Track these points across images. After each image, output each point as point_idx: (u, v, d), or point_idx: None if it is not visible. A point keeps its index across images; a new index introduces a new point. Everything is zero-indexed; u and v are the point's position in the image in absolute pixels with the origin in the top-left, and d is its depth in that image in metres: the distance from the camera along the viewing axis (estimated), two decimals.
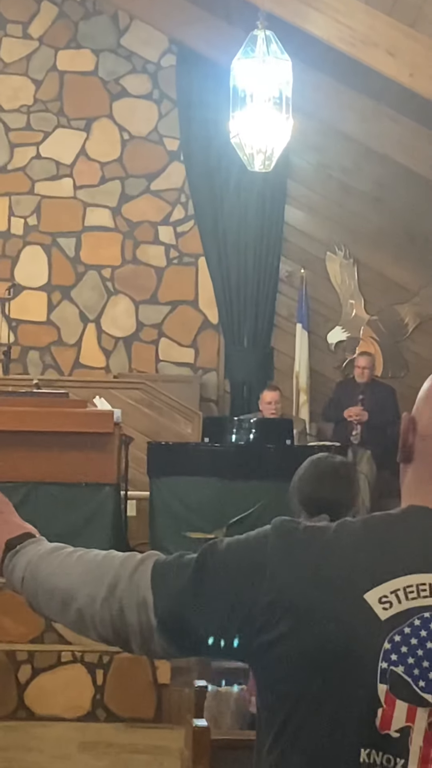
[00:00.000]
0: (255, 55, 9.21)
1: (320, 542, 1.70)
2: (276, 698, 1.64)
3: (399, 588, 1.61)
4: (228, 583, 1.70)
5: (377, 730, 1.58)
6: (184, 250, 13.42)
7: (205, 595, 1.72)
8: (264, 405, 11.68)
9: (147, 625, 1.74)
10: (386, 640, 1.59)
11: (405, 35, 9.26)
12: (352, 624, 1.60)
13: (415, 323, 13.18)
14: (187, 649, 1.78)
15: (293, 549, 1.68)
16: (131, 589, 1.76)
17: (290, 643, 1.61)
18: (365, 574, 1.63)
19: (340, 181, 13.10)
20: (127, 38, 13.44)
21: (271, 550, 1.69)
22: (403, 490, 1.79)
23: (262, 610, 1.64)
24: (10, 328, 13.01)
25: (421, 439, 1.75)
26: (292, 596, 1.63)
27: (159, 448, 10.15)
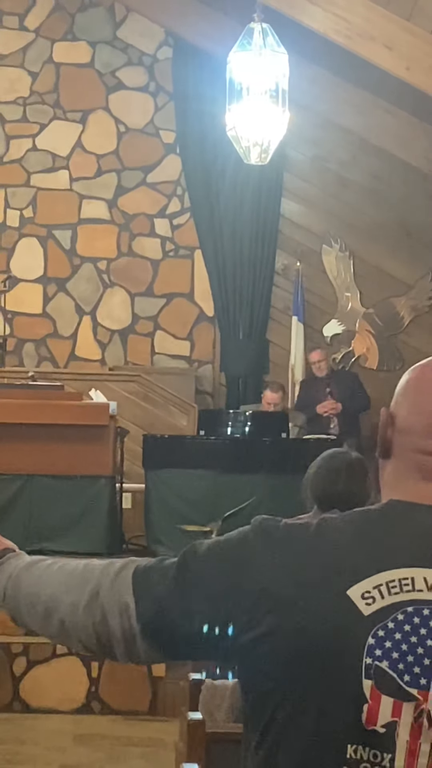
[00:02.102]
0: (251, 47, 9.19)
1: (301, 539, 1.70)
2: (261, 696, 1.64)
3: (382, 583, 1.61)
4: (210, 584, 1.70)
5: (363, 726, 1.58)
6: (180, 242, 13.41)
7: (187, 596, 1.71)
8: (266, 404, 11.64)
9: (130, 631, 1.74)
10: (370, 635, 1.59)
11: (402, 28, 9.25)
12: (336, 620, 1.60)
13: (410, 316, 13.18)
14: (170, 652, 1.78)
15: (274, 547, 1.68)
16: (113, 595, 1.75)
17: (274, 640, 1.62)
18: (347, 570, 1.63)
19: (337, 173, 13.09)
20: (124, 30, 13.42)
21: (251, 550, 1.69)
22: (383, 485, 1.79)
23: (245, 609, 1.64)
24: (6, 320, 13.01)
25: (400, 433, 1.75)
26: (275, 594, 1.63)
27: (154, 441, 10.15)
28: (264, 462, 9.67)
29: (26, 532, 9.48)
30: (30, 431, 9.58)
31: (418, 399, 1.74)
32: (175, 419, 11.83)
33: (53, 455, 9.55)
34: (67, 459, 9.55)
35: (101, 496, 9.64)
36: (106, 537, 9.56)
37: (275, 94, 9.36)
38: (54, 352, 13.34)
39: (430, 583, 1.61)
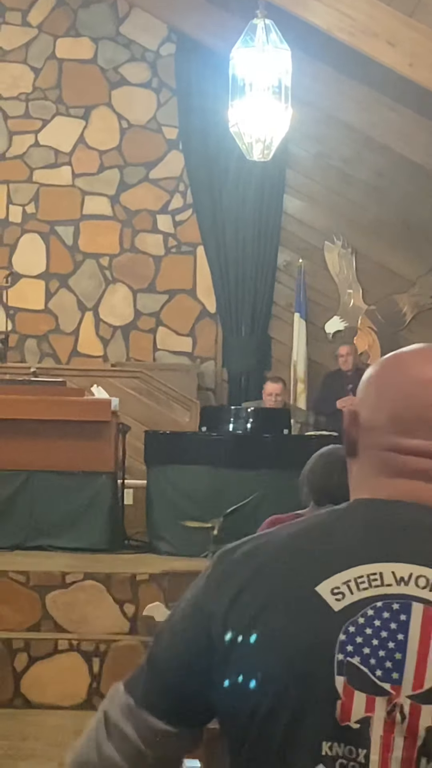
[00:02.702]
0: (254, 44, 9.21)
1: (267, 547, 1.70)
2: (237, 701, 1.64)
3: (350, 579, 1.61)
4: (180, 640, 1.71)
5: (338, 722, 1.57)
6: (183, 239, 13.41)
7: (161, 660, 1.73)
8: (266, 396, 11.68)
9: (142, 723, 1.73)
10: (341, 631, 1.59)
11: (404, 25, 9.24)
12: (306, 617, 1.60)
13: (413, 313, 13.18)
14: (179, 714, 1.75)
15: (236, 570, 1.68)
16: (110, 714, 1.77)
17: (249, 646, 1.62)
18: (315, 568, 1.63)
19: (339, 170, 13.09)
20: (127, 26, 13.42)
21: (212, 591, 1.69)
22: (351, 485, 1.79)
23: (224, 648, 1.65)
24: (8, 316, 13.00)
25: (364, 431, 1.75)
26: (247, 614, 1.63)
27: (156, 437, 10.15)
28: (266, 458, 9.66)
29: (28, 528, 9.48)
30: (32, 427, 9.58)
31: (380, 396, 1.74)
32: (177, 415, 11.83)
33: (55, 451, 9.55)
34: (68, 455, 9.55)
35: (103, 493, 9.63)
36: (108, 533, 9.56)
37: (278, 91, 9.37)
38: (56, 348, 13.34)
39: (398, 577, 1.61)
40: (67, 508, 9.53)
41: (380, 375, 1.76)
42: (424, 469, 1.70)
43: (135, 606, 8.14)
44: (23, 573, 8.21)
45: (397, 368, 1.75)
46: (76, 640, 7.88)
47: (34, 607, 8.10)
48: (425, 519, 1.67)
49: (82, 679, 7.78)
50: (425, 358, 1.74)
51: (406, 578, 1.61)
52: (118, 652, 7.81)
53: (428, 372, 1.72)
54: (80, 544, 9.35)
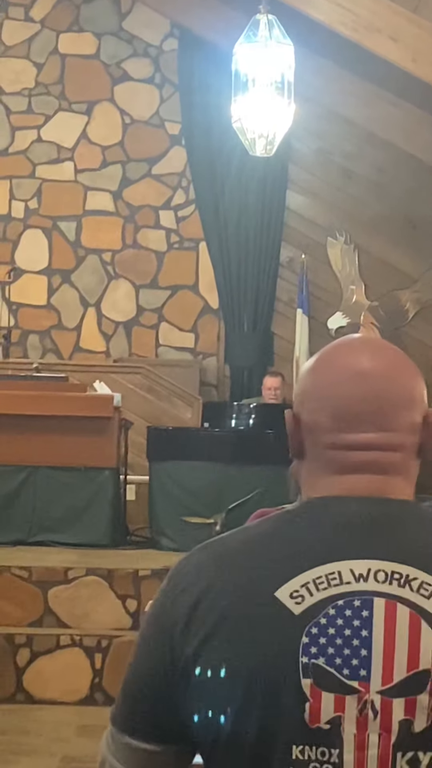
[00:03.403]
0: (257, 39, 9.18)
1: (219, 557, 1.69)
2: (204, 716, 1.64)
3: (309, 581, 1.61)
4: (148, 655, 1.71)
5: (307, 725, 1.57)
6: (185, 234, 13.41)
7: (132, 680, 1.74)
8: (265, 390, 11.70)
9: (124, 748, 1.72)
10: (303, 634, 1.59)
11: (407, 20, 9.23)
12: (268, 624, 1.60)
13: (415, 309, 13.17)
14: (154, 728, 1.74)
15: (189, 583, 1.68)
16: (102, 752, 1.77)
17: (209, 661, 1.61)
18: (272, 573, 1.62)
19: (342, 166, 13.08)
20: (129, 22, 13.41)
21: (168, 607, 1.69)
22: (301, 485, 1.79)
23: (186, 663, 1.65)
24: (10, 311, 13.01)
25: (307, 433, 1.75)
26: (206, 623, 1.62)
27: (159, 433, 10.14)
28: (268, 454, 9.65)
29: (30, 523, 9.49)
30: (34, 423, 9.57)
31: (316, 395, 1.74)
32: (179, 411, 11.83)
33: (57, 447, 9.55)
34: (71, 451, 9.55)
35: (105, 488, 9.64)
36: (110, 529, 9.56)
37: (281, 86, 9.35)
38: (58, 344, 13.34)
39: (357, 574, 1.61)
40: (70, 504, 9.53)
41: (315, 373, 1.76)
42: (370, 461, 1.70)
43: (137, 602, 8.14)
44: (25, 568, 8.21)
45: (329, 365, 1.75)
46: (78, 636, 7.88)
47: (36, 602, 8.10)
48: (377, 513, 1.67)
49: (84, 674, 7.79)
50: (353, 350, 1.75)
51: (365, 574, 1.61)
52: (120, 648, 7.81)
53: (358, 364, 1.72)
54: (82, 539, 9.36)
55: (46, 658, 7.82)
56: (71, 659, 7.82)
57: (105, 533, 9.50)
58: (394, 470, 1.70)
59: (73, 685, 7.75)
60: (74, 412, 9.62)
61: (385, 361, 1.73)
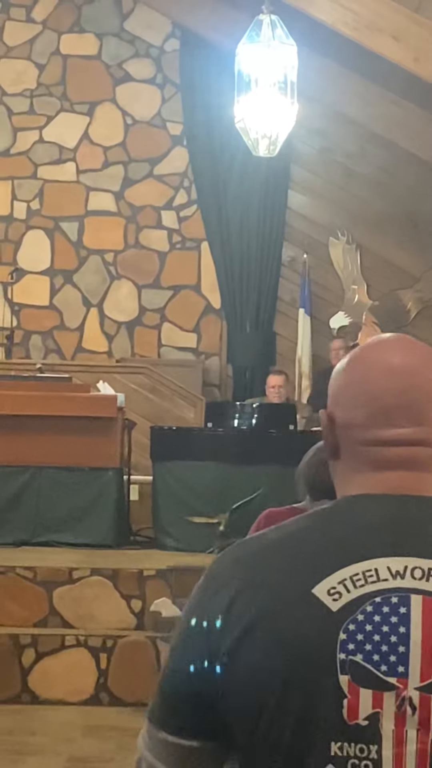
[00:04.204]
0: (260, 39, 9.19)
1: (256, 553, 1.70)
2: (240, 712, 1.64)
3: (346, 577, 1.61)
4: (186, 655, 1.71)
5: (345, 722, 1.58)
6: (187, 234, 13.42)
7: (171, 677, 1.73)
8: (269, 389, 11.70)
9: (161, 744, 1.72)
10: (341, 630, 1.59)
11: (409, 20, 9.24)
12: (305, 621, 1.60)
13: (417, 309, 13.18)
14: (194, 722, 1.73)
15: (227, 580, 1.68)
16: (140, 751, 1.77)
17: (246, 658, 1.62)
18: (309, 570, 1.63)
19: (344, 165, 13.09)
20: (131, 22, 13.42)
21: (206, 604, 1.68)
22: (336, 484, 1.79)
23: (224, 659, 1.65)
24: (13, 312, 13.01)
25: (342, 431, 1.75)
26: (244, 620, 1.63)
27: (162, 433, 10.15)
28: (272, 454, 9.66)
29: (34, 524, 9.49)
30: (38, 423, 9.58)
31: (351, 393, 1.75)
32: (182, 411, 11.84)
33: (61, 447, 9.56)
34: (74, 451, 9.56)
35: (109, 488, 9.64)
36: (114, 529, 9.57)
37: (284, 86, 9.36)
38: (61, 344, 13.35)
39: (394, 571, 1.61)
40: (73, 504, 9.54)
41: (348, 371, 1.77)
42: (407, 457, 1.71)
43: (142, 601, 8.15)
44: (30, 569, 8.22)
45: (361, 362, 1.76)
46: (83, 636, 7.89)
47: (41, 602, 8.11)
48: (414, 510, 1.67)
49: (89, 674, 7.79)
50: (385, 348, 1.76)
51: (402, 571, 1.61)
52: (125, 648, 7.82)
53: (390, 360, 1.73)
54: (86, 539, 9.37)
55: (51, 659, 7.82)
56: (76, 659, 7.83)
57: (109, 533, 9.51)
58: (428, 466, 1.71)
59: (78, 685, 7.76)
60: (78, 412, 9.62)
61: (416, 356, 1.75)
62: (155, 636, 7.86)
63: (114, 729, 7.26)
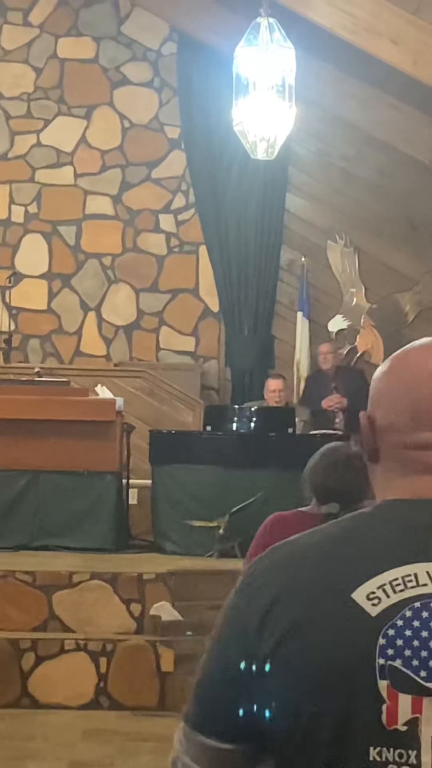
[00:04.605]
0: (258, 43, 9.19)
1: (296, 556, 1.69)
2: (276, 718, 1.63)
3: (385, 582, 1.60)
4: (223, 656, 1.70)
5: (384, 727, 1.57)
6: (185, 238, 13.41)
7: (206, 679, 1.72)
8: (268, 393, 11.70)
9: (197, 745, 1.70)
10: (380, 635, 1.58)
11: (408, 23, 9.24)
12: (344, 626, 1.59)
13: (415, 312, 13.18)
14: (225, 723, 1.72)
15: (266, 582, 1.67)
16: (175, 751, 1.76)
17: (284, 662, 1.61)
18: (348, 574, 1.62)
19: (342, 168, 13.09)
20: (128, 26, 13.42)
21: (244, 606, 1.68)
22: (376, 490, 1.78)
23: (262, 662, 1.64)
24: (11, 316, 13.00)
25: (383, 434, 1.74)
26: (282, 624, 1.62)
27: (161, 437, 10.15)
28: (271, 457, 9.66)
29: (33, 528, 9.49)
30: (36, 427, 9.58)
31: (392, 395, 1.74)
32: (180, 415, 11.83)
33: (60, 451, 9.55)
34: (73, 455, 9.55)
35: (108, 492, 9.65)
36: (113, 533, 9.57)
37: (282, 89, 9.36)
38: (59, 348, 13.34)
39: None
40: (72, 508, 9.54)
41: (390, 374, 1.76)
42: None
43: (141, 605, 8.15)
44: (29, 573, 8.21)
45: (405, 365, 1.75)
46: (82, 640, 7.89)
47: (40, 607, 8.10)
48: None
49: (89, 678, 7.79)
50: (427, 351, 1.75)
51: None
52: (124, 652, 7.81)
53: None
54: (85, 544, 9.36)
55: (51, 663, 7.82)
56: (76, 663, 7.82)
57: (108, 537, 9.50)
58: None
59: (78, 690, 7.76)
60: (76, 416, 9.62)
61: None
62: (155, 640, 7.86)
63: (114, 733, 7.26)
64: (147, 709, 7.70)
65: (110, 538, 9.51)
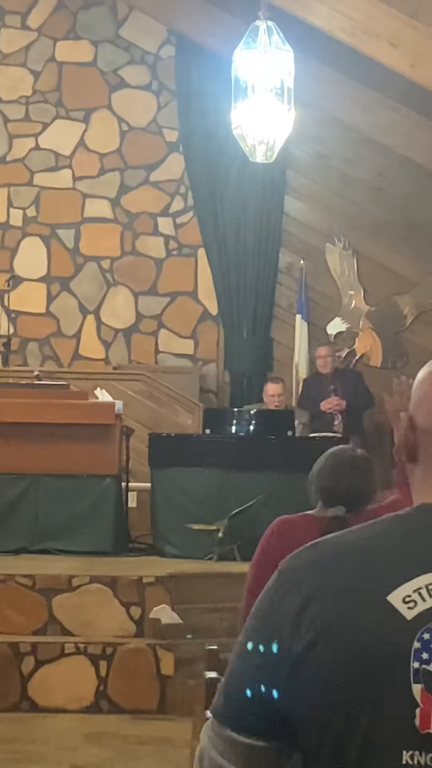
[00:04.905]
0: (257, 45, 9.19)
1: (332, 556, 1.69)
2: (307, 718, 1.63)
3: (421, 586, 1.60)
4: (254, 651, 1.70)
5: (418, 731, 1.56)
6: (184, 241, 13.41)
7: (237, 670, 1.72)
8: (268, 397, 11.71)
9: (227, 741, 1.71)
10: (415, 639, 1.57)
11: (406, 25, 9.24)
12: (379, 628, 1.59)
13: (414, 314, 13.17)
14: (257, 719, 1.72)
15: (301, 580, 1.67)
16: (202, 746, 1.75)
17: (317, 662, 1.61)
18: (384, 577, 1.62)
19: (340, 171, 13.08)
20: (126, 29, 13.42)
21: (277, 604, 1.68)
22: (413, 491, 1.78)
23: (295, 661, 1.64)
24: (10, 319, 12.99)
25: (423, 434, 1.74)
26: (317, 623, 1.62)
27: (160, 440, 10.14)
28: (270, 460, 9.66)
29: (32, 531, 9.49)
30: (35, 431, 9.58)
31: None
32: (179, 418, 11.83)
33: (59, 455, 9.55)
34: (72, 458, 9.55)
35: (107, 495, 9.64)
36: (112, 536, 9.56)
37: (280, 92, 9.36)
38: (58, 352, 13.33)
39: None
40: (72, 512, 9.53)
41: None
42: None
43: (141, 609, 8.14)
44: (29, 576, 8.20)
45: None
46: (82, 644, 7.88)
47: (40, 610, 8.09)
48: None
49: (89, 682, 7.78)
50: None
51: None
52: (124, 655, 7.80)
53: None
54: (85, 547, 9.36)
55: (51, 666, 7.81)
56: (76, 667, 7.82)
57: (107, 541, 9.50)
58: None
59: (78, 693, 7.75)
60: (76, 419, 9.62)
61: None
62: (155, 643, 7.85)
63: (114, 736, 7.25)
64: (147, 712, 7.69)
65: (110, 541, 9.51)
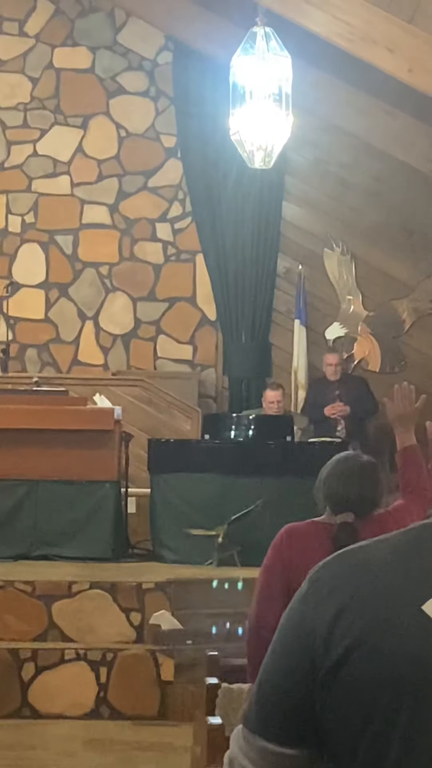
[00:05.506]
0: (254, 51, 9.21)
1: (366, 564, 1.68)
2: (341, 727, 1.62)
3: None
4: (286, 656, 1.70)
5: None
6: (182, 246, 13.42)
7: (269, 671, 1.72)
8: (267, 404, 11.71)
9: (258, 749, 1.71)
10: None
11: (403, 31, 9.25)
12: (413, 637, 1.57)
13: (412, 319, 13.17)
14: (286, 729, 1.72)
15: (335, 587, 1.66)
16: (232, 754, 1.75)
17: (351, 672, 1.61)
18: (418, 586, 1.61)
19: (338, 176, 13.09)
20: (124, 35, 13.43)
21: (311, 611, 1.67)
22: None
23: (329, 669, 1.63)
24: (8, 325, 13.00)
25: None
26: (351, 633, 1.61)
27: (159, 445, 10.14)
28: (269, 465, 9.66)
29: (32, 537, 9.48)
30: (35, 437, 9.58)
31: None
32: (178, 423, 11.82)
33: (58, 460, 9.55)
34: (72, 464, 9.55)
35: (106, 501, 9.64)
36: (112, 542, 9.56)
37: (278, 98, 9.38)
38: (57, 358, 13.33)
39: None
40: (71, 518, 9.53)
41: None
42: None
43: (141, 614, 8.14)
44: (29, 583, 8.21)
45: None
46: (82, 650, 7.88)
47: (40, 616, 8.09)
48: None
49: (90, 688, 7.78)
50: None
51: None
52: (124, 661, 7.80)
53: None
54: (84, 553, 9.35)
55: (51, 673, 7.80)
56: (76, 673, 7.81)
57: (107, 546, 9.49)
58: None
59: (78, 699, 7.75)
60: (75, 425, 9.62)
61: None
62: (155, 649, 7.85)
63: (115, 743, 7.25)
64: (147, 718, 7.69)
65: (109, 547, 9.51)
